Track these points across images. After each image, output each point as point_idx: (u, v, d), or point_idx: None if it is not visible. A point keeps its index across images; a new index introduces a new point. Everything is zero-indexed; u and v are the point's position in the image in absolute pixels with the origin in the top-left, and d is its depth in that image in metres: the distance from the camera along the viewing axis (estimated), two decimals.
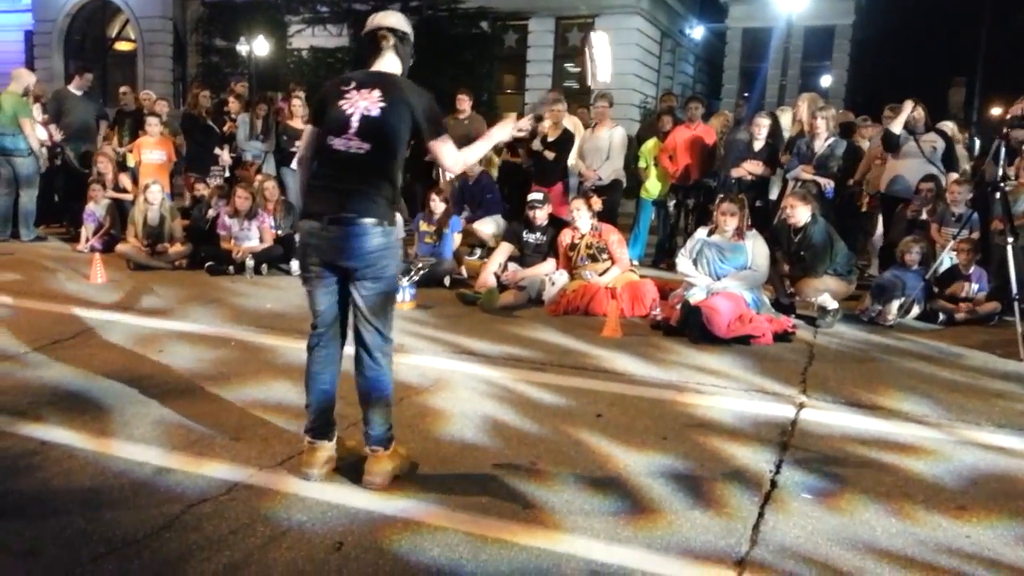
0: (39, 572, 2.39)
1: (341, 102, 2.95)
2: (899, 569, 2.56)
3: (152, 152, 8.83)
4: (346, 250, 2.90)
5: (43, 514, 2.73)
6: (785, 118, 8.32)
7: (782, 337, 5.46)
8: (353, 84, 2.98)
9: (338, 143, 2.94)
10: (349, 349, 3.11)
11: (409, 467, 3.15)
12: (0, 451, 3.22)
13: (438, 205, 7.41)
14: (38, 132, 9.00)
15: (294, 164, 8.40)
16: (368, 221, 2.89)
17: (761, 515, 2.89)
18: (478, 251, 8.65)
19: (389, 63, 3.07)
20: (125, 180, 8.92)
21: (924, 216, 6.91)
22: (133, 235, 7.63)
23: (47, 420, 3.57)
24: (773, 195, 7.96)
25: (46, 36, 24.57)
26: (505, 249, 6.91)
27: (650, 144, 8.78)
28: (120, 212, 8.47)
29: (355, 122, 2.92)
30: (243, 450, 3.30)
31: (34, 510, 2.75)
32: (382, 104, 2.92)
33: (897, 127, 7.05)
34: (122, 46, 25.17)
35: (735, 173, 7.56)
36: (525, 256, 6.85)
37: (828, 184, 7.04)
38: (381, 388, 3.03)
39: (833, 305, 6.00)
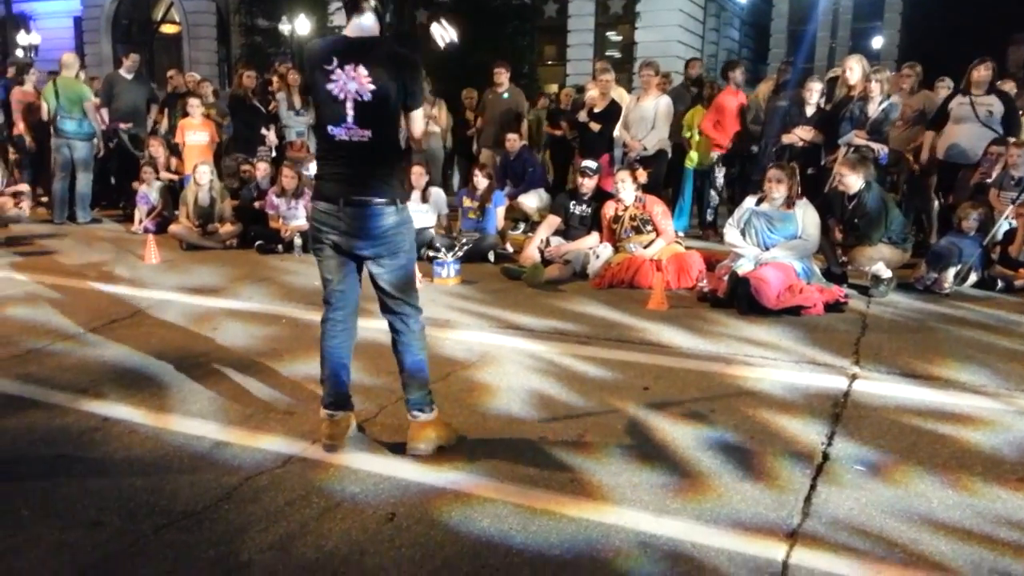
0: (104, 542, 2.48)
1: (329, 85, 2.89)
2: (957, 541, 2.51)
3: (195, 133, 8.98)
4: (362, 231, 2.95)
5: (106, 487, 2.83)
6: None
7: (834, 307, 5.36)
8: (335, 61, 2.88)
9: (339, 133, 2.93)
10: (381, 324, 3.16)
11: (456, 440, 3.18)
12: (64, 427, 3.35)
13: (481, 180, 7.40)
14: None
15: None
16: (381, 202, 2.94)
17: (813, 487, 2.86)
18: (522, 225, 8.64)
19: (367, 22, 2.94)
20: (175, 162, 9.10)
21: (990, 180, 6.66)
22: (185, 216, 7.80)
23: (108, 397, 3.69)
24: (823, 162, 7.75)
25: (94, 22, 25.06)
26: (549, 223, 6.89)
27: (692, 112, 8.63)
28: (171, 193, 8.66)
29: (350, 110, 2.89)
30: (297, 424, 3.38)
31: (97, 483, 2.86)
32: (372, 87, 2.86)
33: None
34: (167, 29, 25.56)
35: (785, 139, 7.36)
36: (569, 229, 6.82)
37: (882, 149, 6.83)
38: (414, 353, 3.10)
39: (887, 274, 5.85)
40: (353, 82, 2.87)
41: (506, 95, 9.19)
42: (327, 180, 3.03)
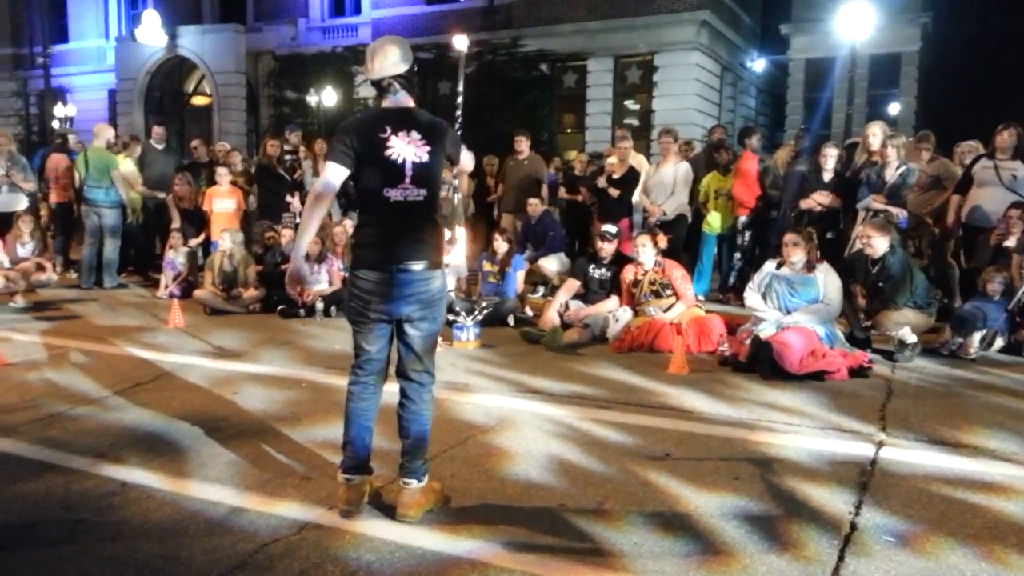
0: None
1: (387, 151, 3.00)
2: None
3: (223, 201, 9.20)
4: (412, 297, 3.02)
5: (121, 553, 2.81)
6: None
7: (858, 372, 5.28)
8: (389, 130, 3.02)
9: (395, 193, 3.02)
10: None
11: (443, 503, 3.17)
12: (82, 492, 3.34)
13: (501, 245, 7.47)
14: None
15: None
16: (431, 268, 3.05)
17: (841, 559, 2.77)
18: (541, 289, 8.67)
19: (404, 98, 3.13)
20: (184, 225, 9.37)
21: (1011, 243, 6.60)
22: (210, 281, 7.92)
23: (127, 461, 3.69)
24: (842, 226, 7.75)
25: (128, 93, 25.98)
26: (569, 287, 6.91)
27: (709, 178, 8.72)
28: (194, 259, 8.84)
29: (408, 171, 3.01)
30: (314, 490, 3.35)
31: (113, 549, 2.84)
32: (428, 148, 3.05)
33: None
34: (198, 100, 26.42)
35: (804, 205, 7.39)
36: (589, 292, 6.83)
37: (901, 214, 6.83)
38: (421, 424, 3.12)
39: (913, 338, 5.78)
40: (410, 146, 3.03)
41: (526, 162, 9.35)
42: (374, 248, 3.05)
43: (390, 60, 3.07)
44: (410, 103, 3.14)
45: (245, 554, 2.79)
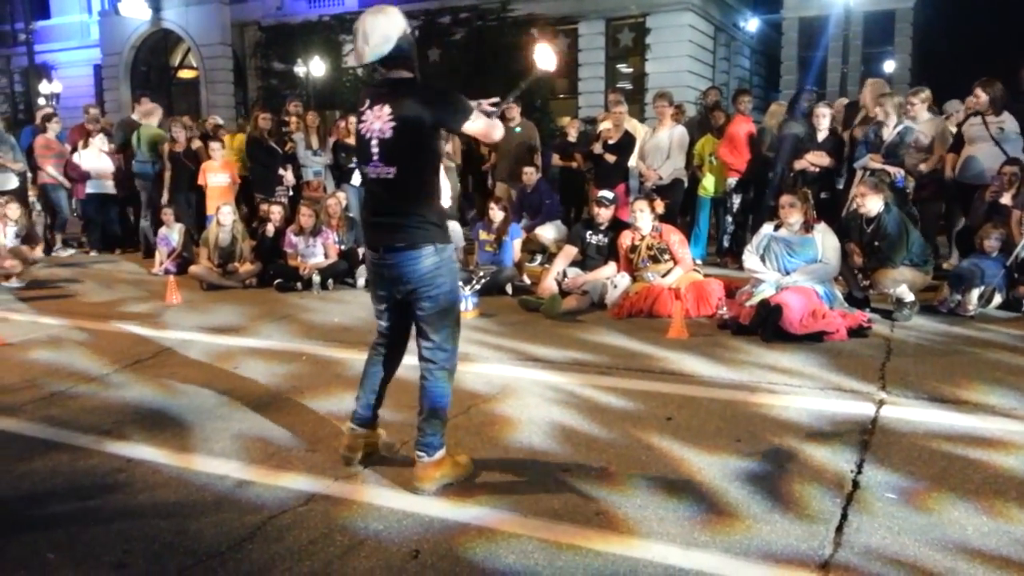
0: None
1: (360, 127, 3.04)
2: (994, 569, 2.45)
3: (217, 176, 9.12)
4: (402, 277, 3.03)
5: (131, 528, 2.83)
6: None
7: (857, 332, 5.30)
8: (367, 103, 3.03)
9: (369, 171, 3.05)
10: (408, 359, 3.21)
11: (467, 476, 3.16)
12: (88, 469, 3.36)
13: (497, 214, 7.43)
14: (105, 161, 9.59)
15: (354, 180, 8.56)
16: (420, 247, 2.99)
17: (844, 516, 2.80)
18: (539, 257, 8.66)
19: (396, 72, 3.02)
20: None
21: (1006, 200, 6.60)
22: (205, 257, 7.88)
23: (131, 438, 3.70)
24: (840, 186, 7.74)
25: (113, 69, 25.68)
26: (566, 254, 6.89)
27: (703, 141, 8.67)
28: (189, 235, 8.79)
29: (375, 147, 2.99)
30: (319, 461, 3.37)
31: (122, 525, 2.86)
32: (392, 124, 2.94)
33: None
34: (185, 74, 26.13)
35: (798, 165, 7.37)
36: (587, 259, 6.82)
37: (898, 172, 6.81)
38: (435, 398, 3.10)
39: (911, 297, 5.79)
40: (377, 121, 2.97)
41: (518, 129, 9.26)
42: (368, 227, 3.16)
43: (372, 42, 2.94)
44: (403, 74, 3.02)
45: (253, 526, 2.80)
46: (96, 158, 9.98)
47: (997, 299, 5.99)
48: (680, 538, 2.67)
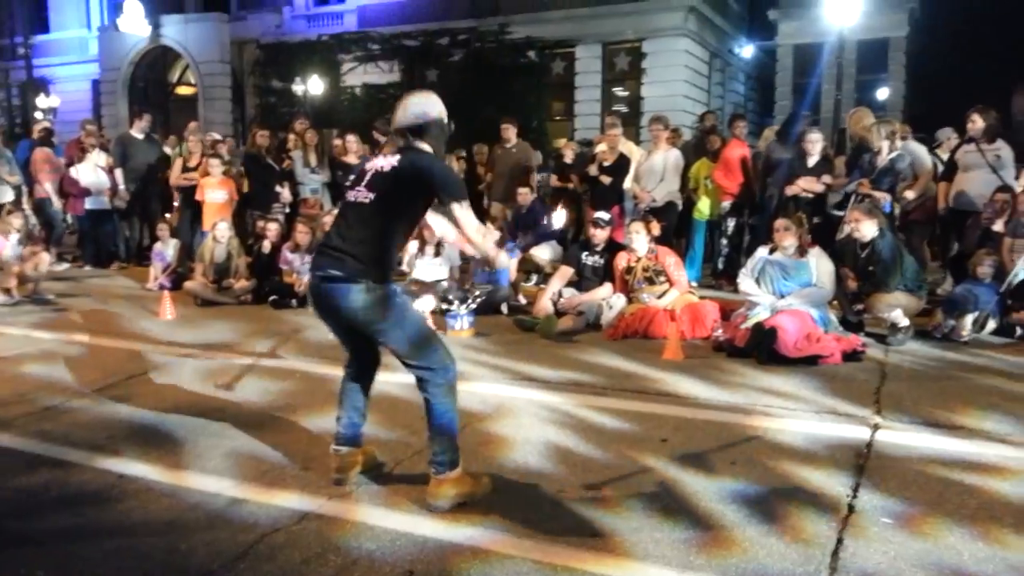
0: None
1: (367, 164, 3.21)
2: None
3: (215, 192, 9.12)
4: (339, 309, 3.07)
5: (122, 547, 2.80)
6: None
7: (851, 356, 5.31)
8: (384, 153, 3.24)
9: (351, 195, 3.15)
10: (396, 377, 3.16)
11: (484, 495, 3.13)
12: (80, 485, 3.33)
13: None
14: (102, 177, 9.58)
15: None
16: (354, 281, 3.00)
17: (840, 541, 2.79)
18: (534, 277, 8.67)
19: (421, 144, 3.18)
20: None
21: (999, 227, 6.65)
22: (200, 272, 7.86)
23: (124, 454, 3.67)
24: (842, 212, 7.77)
25: (111, 84, 25.72)
26: (562, 275, 6.90)
27: (699, 164, 8.72)
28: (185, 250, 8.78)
29: (368, 177, 3.12)
30: (313, 479, 3.34)
31: (114, 543, 2.83)
32: (395, 165, 3.09)
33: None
34: (183, 91, 26.19)
35: (789, 191, 7.42)
36: (583, 280, 6.83)
37: (884, 198, 6.85)
38: (436, 415, 3.10)
39: (905, 322, 5.82)
40: (383, 161, 3.14)
41: (514, 150, 9.31)
42: (317, 253, 3.21)
43: (410, 112, 3.16)
44: (424, 147, 3.15)
45: (246, 545, 2.78)
46: (93, 173, 9.98)
47: (991, 325, 6.02)
48: (675, 561, 2.66)
